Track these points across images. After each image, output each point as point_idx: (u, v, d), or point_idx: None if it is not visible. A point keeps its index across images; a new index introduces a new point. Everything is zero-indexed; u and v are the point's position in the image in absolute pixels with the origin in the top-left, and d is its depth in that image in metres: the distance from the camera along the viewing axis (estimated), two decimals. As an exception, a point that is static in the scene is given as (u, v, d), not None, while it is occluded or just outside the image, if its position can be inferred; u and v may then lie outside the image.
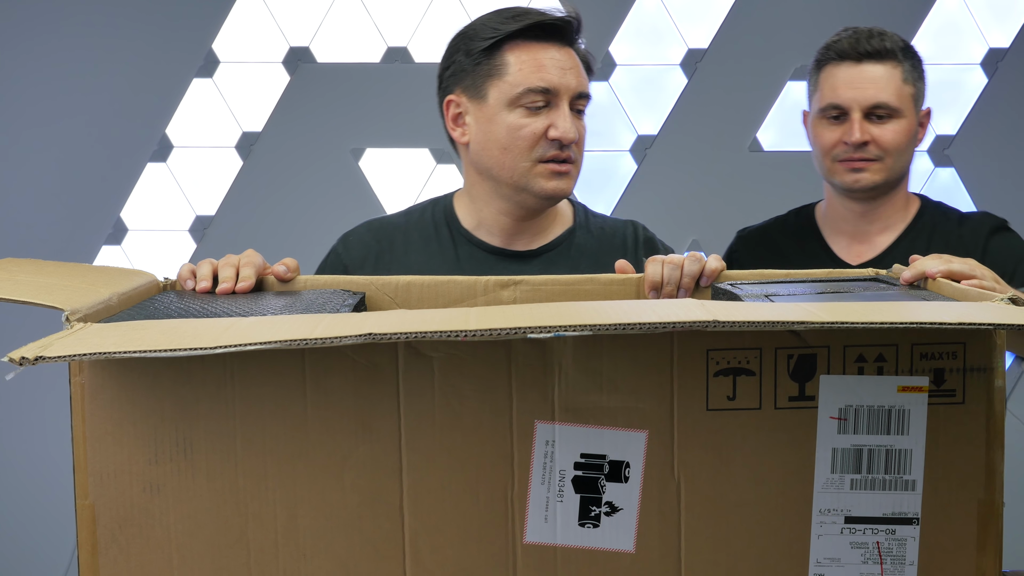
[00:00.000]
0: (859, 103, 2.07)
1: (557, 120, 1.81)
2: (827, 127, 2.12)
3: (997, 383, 1.18)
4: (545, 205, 1.88)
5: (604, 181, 3.30)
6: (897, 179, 2.12)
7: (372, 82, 3.28)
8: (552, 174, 1.83)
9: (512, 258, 1.89)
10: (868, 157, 2.08)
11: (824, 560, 1.18)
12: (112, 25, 3.27)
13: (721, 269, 1.62)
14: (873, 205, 2.13)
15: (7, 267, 1.43)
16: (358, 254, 1.91)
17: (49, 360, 1.00)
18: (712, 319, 1.02)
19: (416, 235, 1.92)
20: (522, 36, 1.83)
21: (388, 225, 1.95)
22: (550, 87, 1.82)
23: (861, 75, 2.08)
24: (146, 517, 1.17)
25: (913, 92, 2.11)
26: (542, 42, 1.83)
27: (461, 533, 1.17)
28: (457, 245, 1.90)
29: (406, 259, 1.89)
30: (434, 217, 1.93)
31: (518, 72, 1.82)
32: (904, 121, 2.09)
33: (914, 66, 2.12)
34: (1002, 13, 3.25)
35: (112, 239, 3.33)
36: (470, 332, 1.01)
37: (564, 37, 1.85)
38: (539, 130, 1.82)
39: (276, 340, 1.01)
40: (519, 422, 1.16)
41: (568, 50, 1.85)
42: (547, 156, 1.83)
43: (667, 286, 1.60)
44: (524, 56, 1.83)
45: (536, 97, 1.82)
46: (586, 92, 1.86)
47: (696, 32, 3.27)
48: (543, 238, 1.91)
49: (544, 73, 1.82)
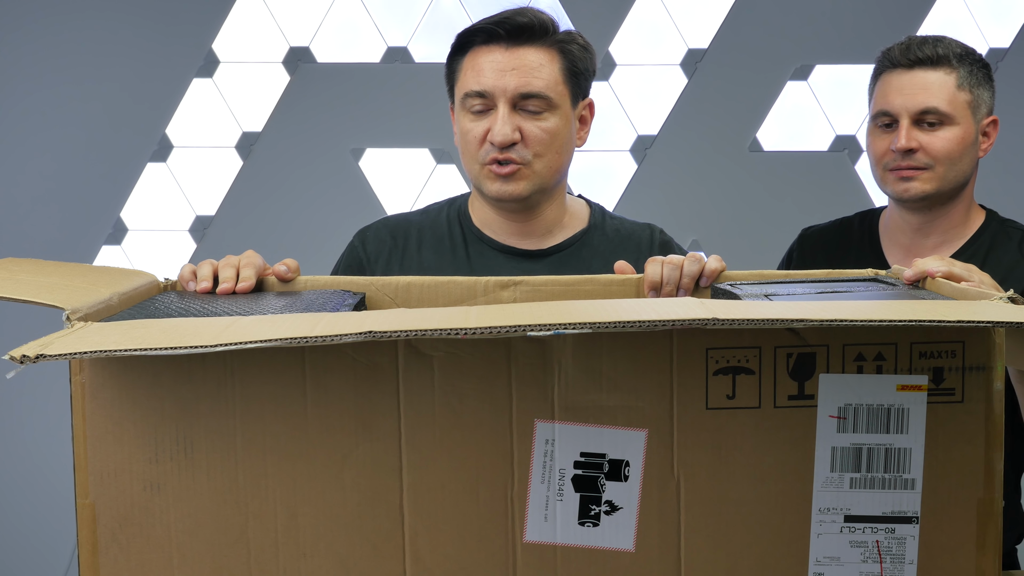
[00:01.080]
0: (908, 109, 2.02)
1: (494, 123, 1.81)
2: (879, 135, 2.07)
3: (996, 382, 1.18)
4: (508, 206, 1.88)
5: (604, 181, 3.31)
6: (952, 190, 2.04)
7: (372, 82, 3.28)
8: (496, 176, 1.83)
9: (522, 257, 1.89)
10: (917, 166, 2.02)
11: (824, 559, 1.18)
12: (112, 25, 3.27)
13: (721, 270, 1.62)
14: (929, 217, 2.06)
15: (8, 266, 1.43)
16: (374, 249, 1.93)
17: (50, 358, 1.00)
18: (711, 317, 1.02)
19: (430, 233, 1.93)
20: (479, 40, 1.84)
21: (404, 223, 1.96)
22: (483, 90, 1.82)
23: (911, 81, 2.04)
24: (146, 516, 1.17)
25: (970, 99, 2.05)
26: (490, 45, 1.83)
27: (461, 532, 1.17)
28: (468, 244, 1.91)
29: (419, 256, 1.91)
30: (448, 216, 1.95)
31: (463, 76, 1.85)
32: (957, 128, 2.03)
33: (973, 72, 2.06)
34: (1002, 13, 3.25)
35: (112, 239, 3.33)
36: (470, 330, 1.01)
37: (517, 38, 1.82)
38: (480, 133, 1.83)
39: (276, 338, 1.01)
40: (519, 421, 1.16)
41: (520, 51, 1.82)
42: (488, 159, 1.83)
43: (666, 286, 1.60)
44: (470, 60, 1.85)
45: (474, 100, 1.83)
46: (531, 92, 1.81)
47: (696, 32, 3.27)
48: (553, 238, 1.92)
49: (480, 76, 1.82)
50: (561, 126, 1.84)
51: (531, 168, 1.83)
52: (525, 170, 1.83)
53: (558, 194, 1.91)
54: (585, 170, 3.31)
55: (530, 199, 1.85)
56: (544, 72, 1.82)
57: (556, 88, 1.83)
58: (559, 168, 1.86)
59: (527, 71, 1.81)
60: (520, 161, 1.82)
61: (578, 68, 1.86)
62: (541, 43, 1.83)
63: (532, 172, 1.83)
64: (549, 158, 1.84)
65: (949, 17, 3.23)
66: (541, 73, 1.82)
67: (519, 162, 1.82)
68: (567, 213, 1.94)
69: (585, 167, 3.31)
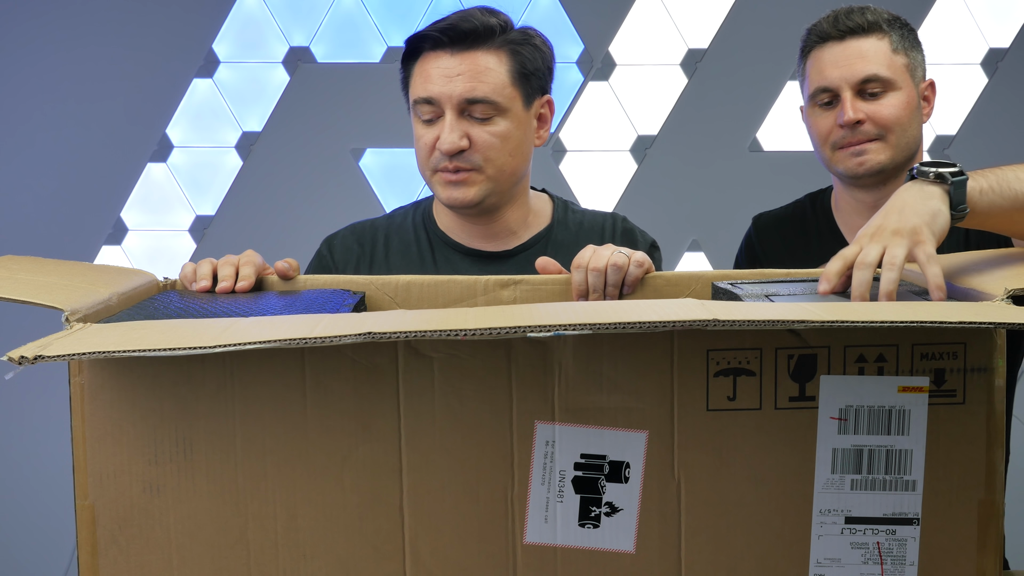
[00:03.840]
0: (847, 80, 1.95)
1: (442, 130, 1.79)
2: (820, 114, 1.99)
3: (997, 383, 1.18)
4: (463, 212, 1.86)
5: (604, 181, 3.30)
6: (905, 159, 1.96)
7: (372, 82, 3.28)
8: (447, 183, 1.82)
9: (488, 259, 1.88)
10: (867, 138, 1.94)
11: (824, 560, 1.18)
12: (112, 25, 3.26)
13: (641, 275, 1.60)
14: (883, 193, 1.94)
15: (7, 265, 1.43)
16: (342, 257, 1.92)
17: (48, 359, 1.00)
18: (712, 318, 1.02)
19: (397, 239, 1.92)
20: (427, 46, 1.82)
21: (371, 229, 1.95)
22: (430, 96, 1.80)
23: (845, 52, 1.96)
24: (146, 517, 1.17)
25: (907, 62, 1.97)
26: (438, 51, 1.81)
27: (461, 533, 1.17)
28: (435, 248, 1.90)
29: (387, 262, 1.90)
30: (414, 220, 1.94)
31: (413, 83, 1.84)
32: (901, 93, 1.96)
33: (904, 35, 1.98)
34: (1002, 13, 3.25)
35: (112, 239, 3.33)
36: (470, 331, 1.01)
37: (462, 43, 1.80)
38: (430, 141, 1.81)
39: (275, 339, 1.01)
40: (519, 422, 1.16)
41: (467, 55, 1.79)
42: (440, 166, 1.81)
43: (593, 293, 1.59)
44: (419, 66, 1.83)
45: (423, 107, 1.81)
46: (477, 97, 1.78)
47: (696, 32, 3.27)
48: (517, 238, 1.90)
49: (427, 83, 1.80)
50: (512, 129, 1.82)
51: (482, 173, 1.81)
52: (476, 176, 1.81)
53: (518, 195, 1.89)
54: (585, 170, 3.31)
55: (483, 204, 1.83)
56: (491, 76, 1.79)
57: (504, 91, 1.80)
58: (513, 171, 1.84)
59: (473, 76, 1.79)
60: (470, 167, 1.80)
61: (528, 68, 1.83)
62: (488, 46, 1.80)
63: (484, 177, 1.81)
64: (501, 162, 1.81)
65: (949, 17, 3.23)
66: (488, 77, 1.79)
67: (469, 168, 1.80)
68: (531, 212, 1.93)
69: (585, 167, 3.31)
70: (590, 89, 3.27)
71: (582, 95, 3.27)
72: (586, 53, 3.25)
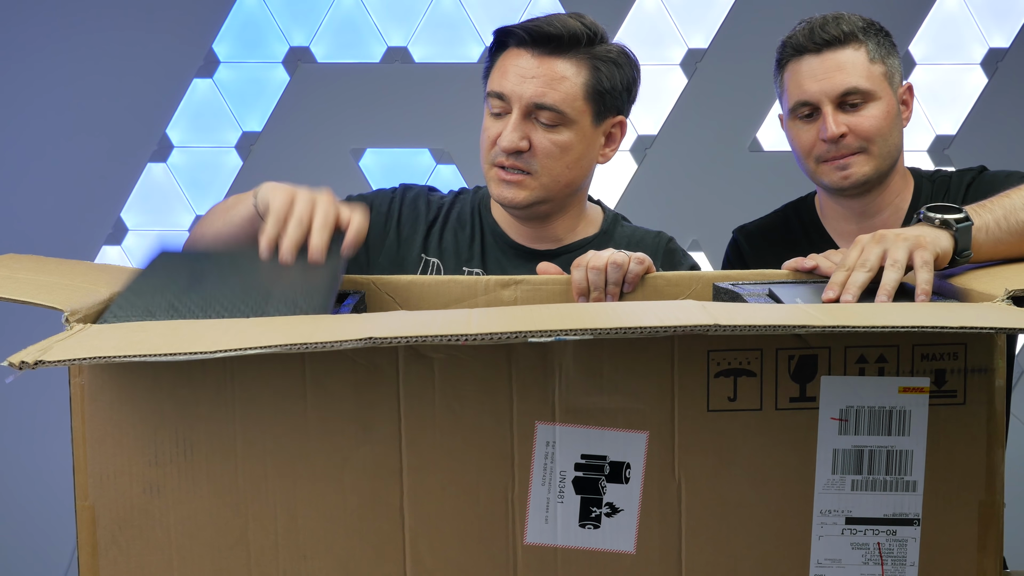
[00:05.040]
0: (827, 94, 1.94)
1: (506, 127, 1.80)
2: (801, 127, 1.99)
3: (998, 384, 1.18)
4: (511, 211, 1.87)
5: (604, 181, 3.30)
6: (889, 166, 1.97)
7: (372, 82, 3.28)
8: (500, 181, 1.82)
9: (531, 256, 1.88)
10: (850, 151, 1.94)
11: (825, 561, 1.18)
12: (112, 25, 3.26)
13: (641, 272, 1.61)
14: (869, 198, 1.99)
15: (8, 264, 1.43)
16: (409, 210, 1.93)
17: (48, 364, 1.00)
18: (713, 323, 1.02)
19: (454, 217, 1.93)
20: (513, 42, 1.83)
21: (438, 200, 1.96)
22: (502, 92, 1.80)
23: (823, 64, 1.95)
24: (146, 518, 1.17)
25: (884, 70, 1.97)
26: (521, 48, 1.81)
27: (461, 534, 1.17)
28: (484, 236, 1.91)
29: (441, 235, 1.91)
30: (472, 204, 1.95)
31: (492, 74, 1.85)
32: (881, 103, 1.95)
33: (880, 43, 1.98)
34: (1002, 13, 3.24)
35: (112, 239, 3.33)
36: (471, 336, 1.01)
37: (544, 47, 1.80)
38: (493, 135, 1.82)
39: (276, 344, 1.01)
40: (520, 423, 1.16)
41: (548, 60, 1.79)
42: (496, 161, 1.82)
43: (594, 291, 1.60)
44: (502, 60, 1.84)
45: (494, 101, 1.82)
46: (545, 104, 1.78)
47: (696, 32, 3.27)
48: (564, 240, 1.91)
49: (503, 78, 1.81)
50: (575, 141, 1.81)
51: (536, 179, 1.81)
52: (529, 180, 1.81)
53: (572, 207, 1.89)
54: (585, 170, 3.30)
55: (532, 208, 1.83)
56: (564, 86, 1.79)
57: (574, 104, 1.79)
58: (569, 183, 1.83)
59: (546, 82, 1.78)
60: (526, 169, 1.80)
61: (605, 86, 1.81)
62: (570, 55, 1.80)
63: (538, 184, 1.81)
64: (557, 172, 1.81)
65: (949, 17, 3.23)
66: (560, 86, 1.78)
67: (524, 170, 1.80)
68: (581, 221, 1.93)
69: (585, 167, 3.30)
70: (590, 89, 3.27)
71: (582, 95, 3.27)
72: (586, 53, 3.25)
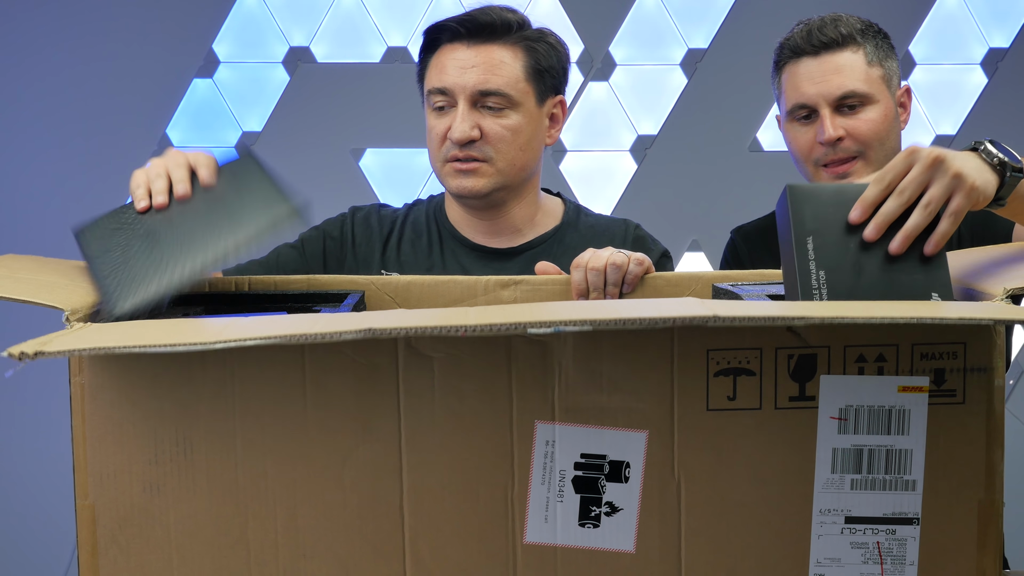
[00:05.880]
0: (825, 97, 1.94)
1: (454, 120, 1.82)
2: (799, 129, 1.99)
3: (997, 383, 1.18)
4: (471, 203, 1.88)
5: (604, 181, 3.30)
6: None
7: (372, 82, 3.28)
8: (456, 172, 1.84)
9: (493, 256, 1.90)
10: (848, 156, 1.94)
11: (824, 560, 1.18)
12: (112, 25, 3.26)
13: (641, 273, 1.61)
14: None
15: (8, 264, 1.43)
16: (362, 231, 1.94)
17: (48, 355, 0.99)
18: (712, 315, 1.02)
19: (411, 229, 1.95)
20: (445, 38, 1.85)
21: (391, 215, 1.98)
22: (444, 87, 1.83)
23: (821, 67, 1.95)
24: (146, 517, 1.17)
25: (882, 73, 1.97)
26: (455, 43, 1.84)
27: (461, 533, 1.17)
28: (443, 241, 1.92)
29: (398, 250, 1.93)
30: (427, 213, 1.97)
31: (428, 73, 1.87)
32: (879, 106, 1.95)
33: (878, 45, 1.97)
34: (1002, 13, 3.25)
35: (112, 239, 3.32)
36: (470, 327, 1.01)
37: (479, 36, 1.83)
38: (441, 131, 1.84)
39: (276, 335, 1.01)
40: (519, 422, 1.16)
41: (483, 48, 1.82)
42: (449, 156, 1.84)
43: (593, 292, 1.60)
44: (436, 58, 1.86)
45: (437, 97, 1.85)
46: (491, 89, 1.82)
47: (696, 32, 3.27)
48: (523, 236, 1.92)
49: (442, 73, 1.83)
50: (523, 123, 1.84)
51: (492, 165, 1.84)
52: (486, 167, 1.83)
53: (527, 192, 1.91)
54: (585, 170, 3.31)
55: (492, 196, 1.86)
56: (505, 70, 1.82)
57: (517, 85, 1.83)
58: (523, 166, 1.86)
59: (487, 68, 1.82)
60: (481, 158, 1.83)
61: (543, 65, 1.86)
62: (504, 41, 1.84)
63: (494, 170, 1.84)
64: (511, 155, 1.84)
65: (949, 17, 3.23)
66: (502, 71, 1.82)
67: (480, 159, 1.83)
68: (540, 211, 1.94)
69: (585, 167, 3.31)
70: (590, 89, 3.28)
71: (582, 95, 3.27)
72: (586, 53, 3.25)
